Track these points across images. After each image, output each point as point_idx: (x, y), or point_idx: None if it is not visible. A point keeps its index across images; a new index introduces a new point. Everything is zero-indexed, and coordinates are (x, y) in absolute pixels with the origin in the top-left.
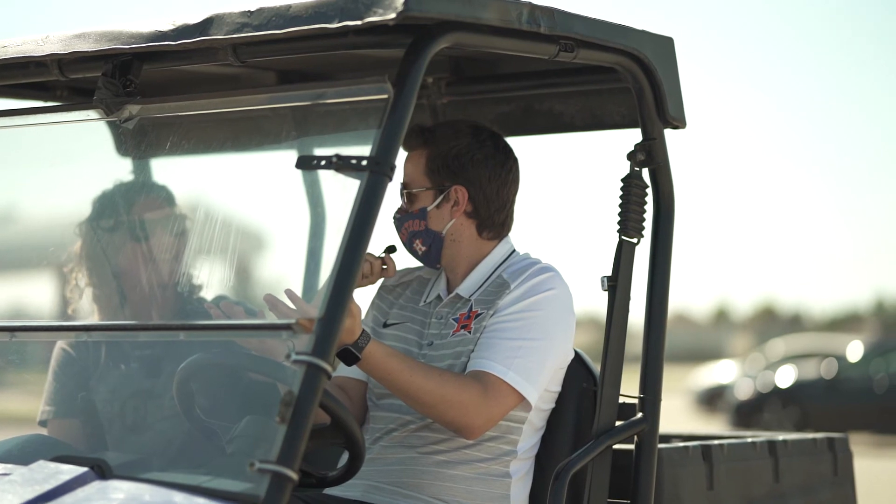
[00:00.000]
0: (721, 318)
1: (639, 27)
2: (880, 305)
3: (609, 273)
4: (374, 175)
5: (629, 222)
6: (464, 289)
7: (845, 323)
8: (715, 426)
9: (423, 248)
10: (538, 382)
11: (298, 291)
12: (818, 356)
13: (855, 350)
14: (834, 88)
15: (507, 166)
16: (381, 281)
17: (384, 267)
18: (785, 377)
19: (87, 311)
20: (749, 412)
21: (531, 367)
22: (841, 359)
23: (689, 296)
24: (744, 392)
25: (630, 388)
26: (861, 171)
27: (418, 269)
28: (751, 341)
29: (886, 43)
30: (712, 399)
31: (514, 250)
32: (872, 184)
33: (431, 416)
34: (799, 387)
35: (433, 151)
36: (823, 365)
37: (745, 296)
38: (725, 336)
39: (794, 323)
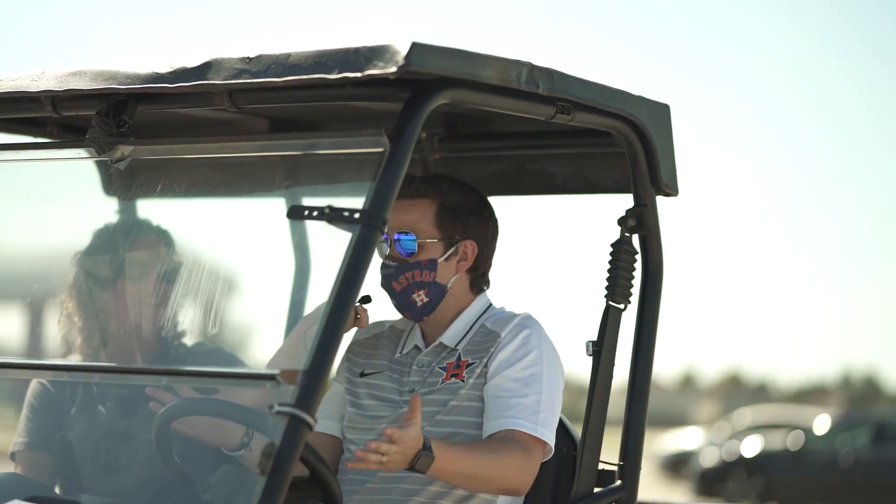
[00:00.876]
0: (688, 384)
1: (635, 92)
2: (847, 379)
3: (593, 338)
4: (366, 228)
5: (617, 288)
6: (447, 338)
7: (811, 395)
8: (679, 493)
9: (425, 300)
10: (555, 430)
11: (281, 340)
12: (785, 427)
13: (822, 423)
14: (810, 162)
15: (497, 226)
16: (352, 332)
17: (358, 317)
18: (751, 447)
19: (70, 347)
20: (713, 480)
21: (550, 418)
22: (807, 431)
23: (656, 361)
24: (709, 460)
25: (607, 452)
26: (833, 244)
27: (387, 322)
28: (717, 409)
29: (869, 120)
30: (677, 465)
31: (490, 303)
32: (844, 257)
33: (489, 490)
34: (764, 457)
35: (443, 202)
36: (790, 436)
37: (713, 363)
38: (691, 402)
39: (761, 392)
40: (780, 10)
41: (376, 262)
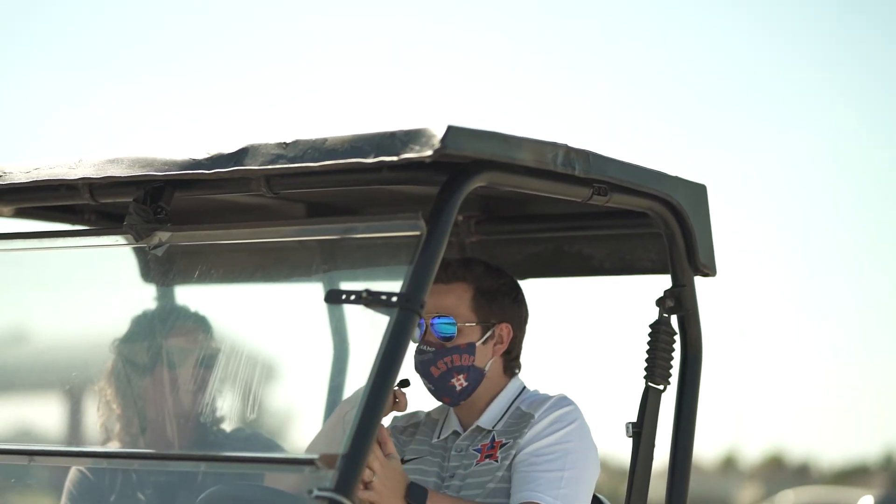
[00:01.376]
0: (729, 465)
1: (672, 173)
2: (889, 459)
3: (632, 419)
4: (404, 312)
5: (656, 369)
6: (484, 421)
7: (854, 475)
8: None
9: (464, 384)
10: None
11: (319, 425)
12: None
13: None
14: (855, 242)
15: (528, 309)
16: (391, 417)
17: (396, 401)
18: None
19: (109, 434)
20: None
21: (574, 497)
22: None
23: (696, 442)
24: None
25: None
26: (874, 322)
27: (422, 411)
28: (759, 491)
29: None
30: None
31: (524, 386)
32: (883, 335)
33: None
34: None
35: (479, 286)
36: None
37: (754, 444)
38: (733, 484)
39: (803, 473)
40: (817, 84)
41: (411, 348)
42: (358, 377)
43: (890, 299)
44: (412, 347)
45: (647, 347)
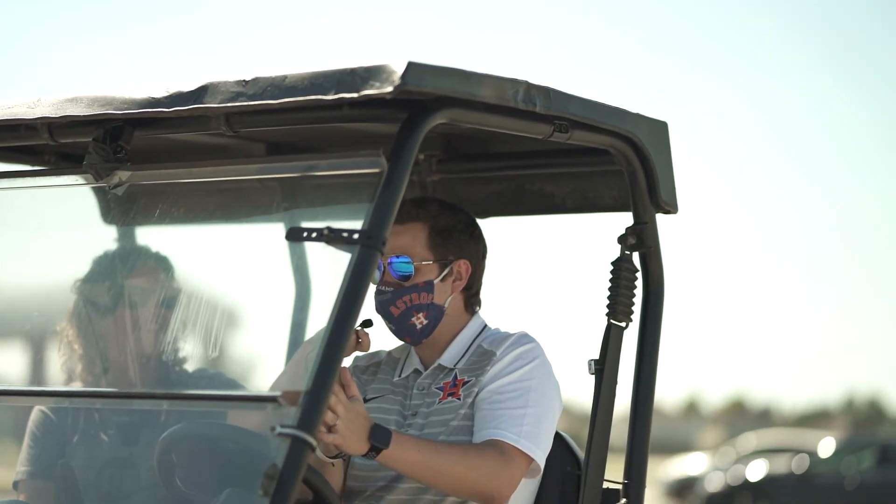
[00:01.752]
0: (691, 410)
1: (633, 109)
2: (850, 403)
3: (595, 356)
4: (365, 249)
5: (618, 306)
6: (446, 359)
7: (815, 419)
8: None
9: (424, 322)
10: (544, 447)
11: (282, 364)
12: (789, 451)
13: (826, 446)
14: (813, 182)
15: (486, 245)
16: (353, 357)
17: (359, 341)
18: (756, 471)
19: (71, 374)
20: None
21: (537, 433)
22: (812, 455)
23: (659, 387)
24: (714, 485)
25: (611, 475)
26: (835, 266)
27: (384, 351)
28: (721, 434)
29: (873, 141)
30: (682, 491)
31: (486, 324)
32: (846, 280)
33: (458, 491)
34: (769, 481)
35: (434, 224)
36: (795, 460)
37: (716, 389)
38: (696, 428)
39: (764, 417)
40: (780, 26)
41: (371, 289)
42: (320, 315)
43: (854, 242)
44: (372, 289)
45: (610, 284)
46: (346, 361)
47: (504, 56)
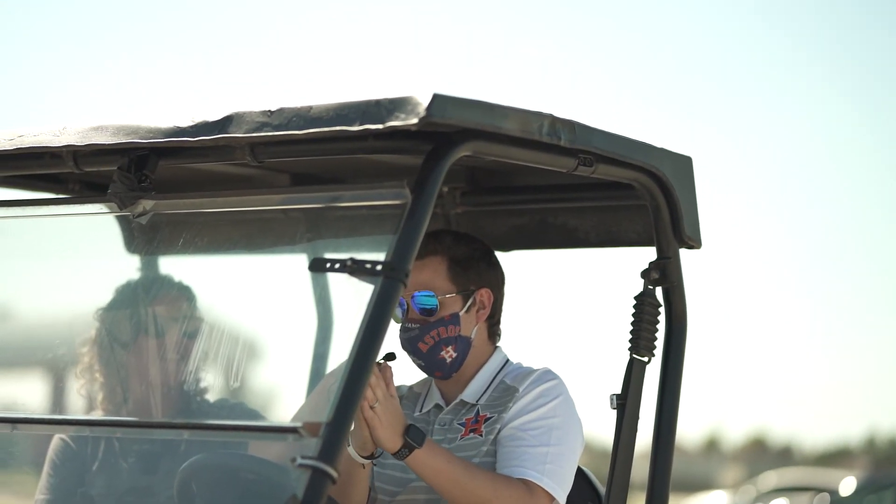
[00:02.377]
0: (712, 448)
1: (658, 144)
2: (871, 442)
3: (617, 391)
4: (388, 280)
5: (641, 341)
6: (468, 395)
7: (837, 457)
8: None
9: (454, 355)
10: (565, 486)
11: (304, 395)
12: (810, 490)
13: (848, 485)
14: (841, 223)
15: (503, 272)
16: None
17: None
18: None
19: (91, 403)
20: None
21: (559, 472)
22: (833, 493)
23: (679, 423)
24: None
25: None
26: (857, 306)
27: (405, 386)
28: (741, 472)
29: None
30: None
31: (507, 358)
32: (868, 319)
33: None
34: None
35: (452, 255)
36: (816, 499)
37: (737, 426)
38: (716, 466)
39: (785, 455)
40: (807, 62)
41: (394, 326)
42: (343, 347)
43: (875, 281)
44: (396, 327)
45: (632, 319)
46: None
47: (530, 90)
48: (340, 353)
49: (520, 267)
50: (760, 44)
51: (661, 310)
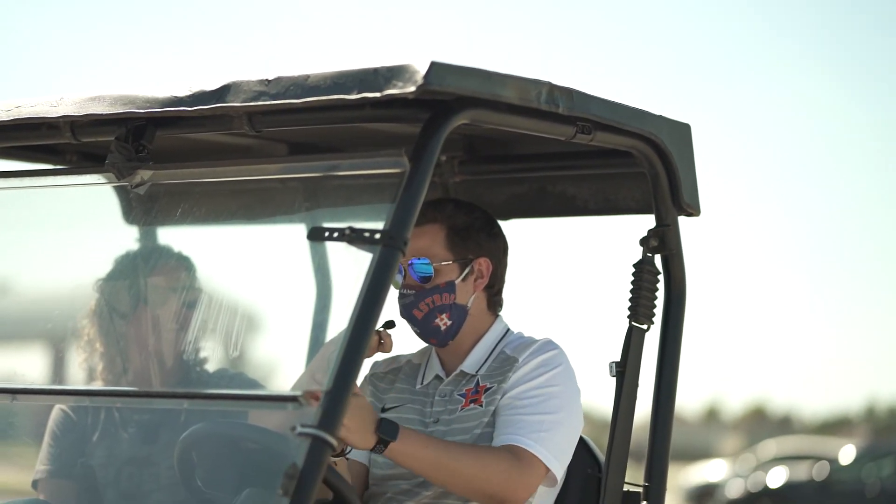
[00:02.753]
0: (712, 417)
1: (656, 111)
2: (871, 410)
3: (616, 359)
4: (387, 249)
5: (640, 308)
6: (468, 365)
7: (836, 426)
8: None
9: (448, 323)
10: (563, 457)
11: (303, 364)
12: (810, 458)
13: (847, 454)
14: (840, 195)
15: (507, 242)
16: (371, 363)
17: (381, 342)
18: (776, 478)
19: (91, 373)
20: None
21: (556, 441)
22: (833, 462)
23: (679, 394)
24: (734, 492)
25: (631, 479)
26: (857, 275)
27: (404, 356)
28: (741, 441)
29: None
30: (702, 497)
31: (508, 328)
32: (869, 288)
33: (469, 492)
34: (790, 488)
35: (451, 224)
36: (815, 467)
37: (736, 395)
38: (716, 435)
39: (785, 424)
40: (806, 24)
41: (394, 293)
42: (341, 316)
43: (875, 251)
44: (395, 293)
45: (631, 287)
46: (368, 363)
47: (528, 58)
48: (340, 321)
49: (518, 235)
50: (765, 9)
51: (660, 277)
